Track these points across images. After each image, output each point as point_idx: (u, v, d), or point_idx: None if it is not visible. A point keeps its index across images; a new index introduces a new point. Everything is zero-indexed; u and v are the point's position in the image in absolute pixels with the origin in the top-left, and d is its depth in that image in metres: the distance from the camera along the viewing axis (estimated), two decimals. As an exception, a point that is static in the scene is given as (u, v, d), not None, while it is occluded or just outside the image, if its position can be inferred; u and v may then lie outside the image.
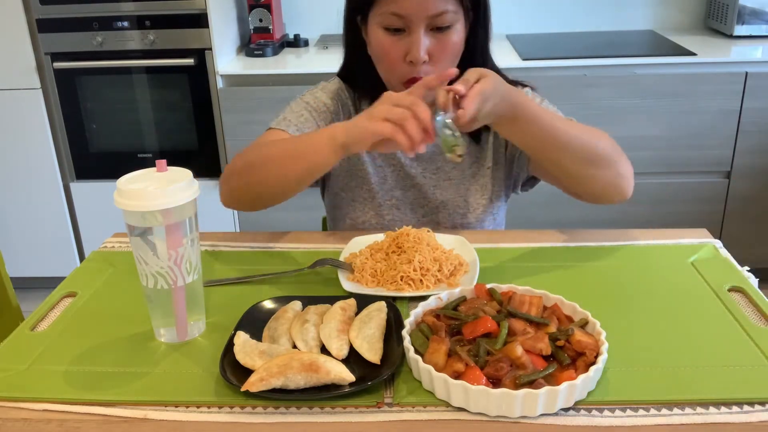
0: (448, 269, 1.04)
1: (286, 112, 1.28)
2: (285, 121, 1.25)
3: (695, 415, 0.76)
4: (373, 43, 1.19)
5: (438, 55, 1.16)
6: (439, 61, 1.16)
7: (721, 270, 1.06)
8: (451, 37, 1.16)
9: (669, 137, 2.47)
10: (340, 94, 1.30)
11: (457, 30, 1.16)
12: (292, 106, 1.29)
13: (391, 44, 1.16)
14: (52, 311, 1.01)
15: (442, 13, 1.13)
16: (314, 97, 1.29)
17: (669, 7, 2.90)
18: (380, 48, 1.18)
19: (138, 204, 0.84)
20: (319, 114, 1.27)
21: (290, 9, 2.94)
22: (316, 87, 1.32)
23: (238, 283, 1.06)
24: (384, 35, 1.16)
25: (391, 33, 1.15)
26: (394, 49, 1.16)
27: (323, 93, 1.30)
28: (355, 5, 1.22)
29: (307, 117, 1.25)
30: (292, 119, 1.25)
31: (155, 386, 0.83)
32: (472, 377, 0.76)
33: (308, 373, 0.79)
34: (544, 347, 0.80)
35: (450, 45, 1.16)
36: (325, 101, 1.28)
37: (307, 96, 1.30)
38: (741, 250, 1.45)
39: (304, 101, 1.29)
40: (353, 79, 1.31)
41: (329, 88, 1.31)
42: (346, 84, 1.31)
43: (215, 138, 2.59)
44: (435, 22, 1.13)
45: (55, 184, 2.68)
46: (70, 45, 2.49)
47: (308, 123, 1.25)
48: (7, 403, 0.81)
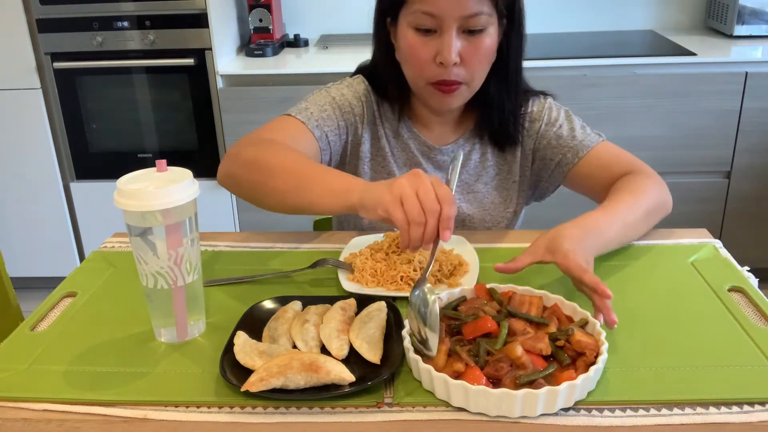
0: (448, 269, 1.04)
1: (308, 101, 1.24)
2: (306, 112, 1.21)
3: (695, 415, 0.76)
4: (401, 43, 1.16)
5: (469, 58, 1.13)
6: (469, 65, 1.13)
7: (721, 270, 1.06)
8: (484, 40, 1.12)
9: (669, 137, 2.47)
10: (367, 95, 1.27)
11: (490, 34, 1.13)
12: (316, 96, 1.25)
13: (421, 44, 1.13)
14: (52, 311, 1.01)
15: (477, 14, 1.10)
16: (341, 93, 1.25)
17: (669, 7, 2.90)
18: (409, 48, 1.15)
19: (138, 204, 0.83)
20: (343, 113, 1.24)
21: (290, 9, 2.94)
22: (342, 82, 1.29)
23: (238, 283, 1.06)
24: (414, 35, 1.13)
25: (421, 33, 1.12)
26: (424, 50, 1.13)
27: (350, 91, 1.26)
28: (385, 5, 1.19)
29: (330, 114, 1.22)
30: (315, 111, 1.21)
31: (155, 386, 0.83)
32: (471, 377, 0.76)
33: (308, 373, 0.79)
34: (544, 347, 0.80)
35: (482, 48, 1.13)
36: (351, 101, 1.25)
37: (333, 90, 1.26)
38: (741, 250, 1.45)
39: (330, 95, 1.25)
40: (377, 79, 1.27)
41: (356, 88, 1.27)
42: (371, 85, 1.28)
43: (215, 138, 2.59)
44: (468, 23, 1.10)
45: (55, 184, 2.68)
46: (70, 45, 2.49)
47: (329, 121, 1.22)
48: (7, 403, 0.81)
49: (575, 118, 1.28)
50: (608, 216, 1.07)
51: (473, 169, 1.30)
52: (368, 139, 1.28)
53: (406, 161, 1.30)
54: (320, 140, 1.20)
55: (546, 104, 1.28)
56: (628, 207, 1.10)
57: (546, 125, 1.27)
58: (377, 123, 1.28)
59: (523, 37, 1.20)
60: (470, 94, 1.20)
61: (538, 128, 1.27)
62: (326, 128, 1.21)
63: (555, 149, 1.26)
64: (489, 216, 1.30)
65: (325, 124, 1.21)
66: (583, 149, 1.23)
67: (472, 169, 1.30)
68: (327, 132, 1.22)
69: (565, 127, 1.26)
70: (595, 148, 1.23)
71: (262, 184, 1.05)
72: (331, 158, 1.25)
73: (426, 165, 1.29)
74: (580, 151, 1.23)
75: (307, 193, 0.99)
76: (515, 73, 1.22)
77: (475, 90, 1.20)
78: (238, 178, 1.10)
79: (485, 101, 1.24)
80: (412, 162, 1.29)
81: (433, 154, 1.29)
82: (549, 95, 1.30)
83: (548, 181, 1.30)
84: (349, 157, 1.29)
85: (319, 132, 1.20)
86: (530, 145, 1.29)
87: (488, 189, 1.30)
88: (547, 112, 1.27)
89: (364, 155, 1.28)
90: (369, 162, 1.29)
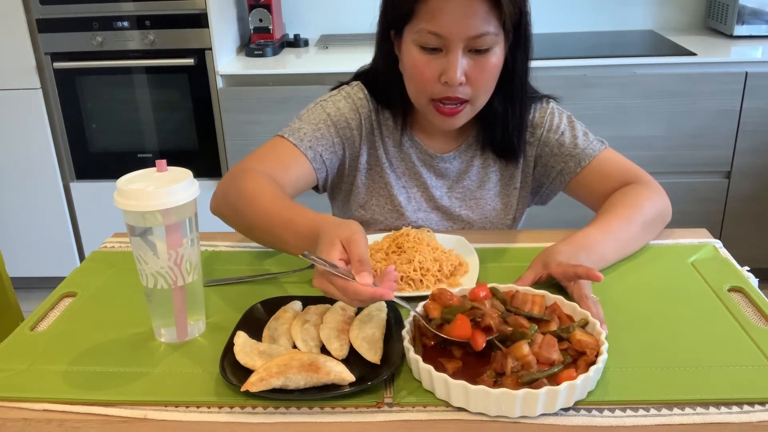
0: (448, 269, 1.04)
1: (302, 119, 1.22)
2: (299, 133, 1.19)
3: (695, 415, 0.76)
4: (406, 60, 1.14)
5: (475, 77, 1.11)
6: (475, 84, 1.12)
7: (721, 270, 1.06)
8: (490, 59, 1.11)
9: (669, 137, 2.47)
10: (364, 105, 1.25)
11: (496, 53, 1.11)
12: (311, 113, 1.23)
13: (425, 63, 1.11)
14: (52, 311, 1.01)
15: (483, 35, 1.08)
16: (336, 108, 1.23)
17: (669, 7, 2.90)
18: (413, 66, 1.13)
19: (138, 204, 0.83)
20: (339, 130, 1.22)
21: (290, 9, 2.93)
22: (339, 92, 1.26)
23: (238, 283, 1.06)
24: (419, 53, 1.11)
25: (427, 52, 1.10)
26: (428, 69, 1.11)
27: (346, 103, 1.24)
28: (389, 19, 1.16)
29: (324, 132, 1.21)
30: (308, 131, 1.20)
31: (155, 386, 0.83)
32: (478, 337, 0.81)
33: (308, 373, 0.79)
34: (557, 358, 0.79)
35: (488, 68, 1.11)
36: (348, 115, 1.23)
37: (328, 104, 1.24)
38: (741, 250, 1.45)
39: (325, 111, 1.23)
40: (377, 87, 1.25)
41: (353, 98, 1.25)
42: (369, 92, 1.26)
43: (215, 138, 2.59)
44: (474, 44, 1.08)
45: (55, 184, 2.68)
46: (70, 45, 2.49)
47: (323, 140, 1.20)
48: (7, 403, 0.81)
49: (578, 123, 1.27)
50: (602, 232, 1.07)
51: (475, 176, 1.29)
52: (366, 150, 1.26)
53: (405, 170, 1.28)
54: (314, 161, 1.20)
55: (548, 110, 1.27)
56: (621, 222, 1.10)
57: (548, 131, 1.26)
58: (375, 133, 1.26)
59: (529, 54, 1.19)
60: (474, 112, 1.18)
61: (540, 135, 1.26)
62: (320, 148, 1.20)
63: (557, 157, 1.25)
64: (490, 223, 1.29)
65: (318, 144, 1.20)
66: (586, 158, 1.23)
67: (474, 176, 1.29)
68: (321, 152, 1.21)
69: (568, 134, 1.25)
70: (597, 157, 1.23)
71: (246, 232, 1.11)
72: (327, 175, 1.25)
73: (426, 174, 1.28)
74: (583, 160, 1.23)
75: (271, 237, 1.03)
76: (520, 89, 1.21)
77: (478, 109, 1.18)
78: (226, 219, 1.13)
79: (489, 116, 1.23)
80: (412, 171, 1.28)
81: (434, 162, 1.28)
82: (552, 99, 1.29)
83: (549, 188, 1.30)
84: (347, 170, 1.28)
85: (312, 153, 1.19)
86: (532, 152, 1.28)
87: (490, 195, 1.29)
88: (549, 118, 1.26)
89: (362, 167, 1.27)
90: (366, 173, 1.28)
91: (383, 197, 1.28)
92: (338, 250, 0.84)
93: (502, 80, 1.17)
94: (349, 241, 0.84)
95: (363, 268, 0.81)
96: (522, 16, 1.13)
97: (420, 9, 1.09)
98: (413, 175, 1.28)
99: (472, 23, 1.07)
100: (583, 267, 0.95)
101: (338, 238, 0.85)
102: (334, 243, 0.84)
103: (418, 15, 1.09)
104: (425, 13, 1.08)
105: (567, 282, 0.98)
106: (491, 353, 0.81)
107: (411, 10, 1.10)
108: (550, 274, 0.99)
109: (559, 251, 1.01)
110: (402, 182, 1.28)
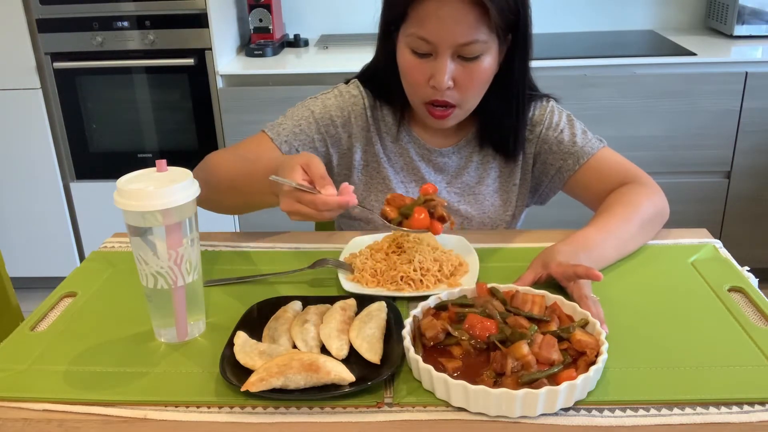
0: (448, 269, 1.04)
1: (287, 115, 1.25)
2: (278, 128, 1.23)
3: (695, 415, 0.76)
4: (399, 61, 1.17)
5: (463, 82, 1.13)
6: (463, 89, 1.14)
7: (721, 270, 1.06)
8: (479, 66, 1.12)
9: (669, 137, 2.47)
10: (357, 101, 1.26)
11: (487, 59, 1.12)
12: (296, 110, 1.26)
13: (416, 66, 1.13)
14: (52, 311, 1.01)
15: (471, 42, 1.09)
16: (322, 106, 1.26)
17: (669, 7, 2.90)
18: (405, 68, 1.16)
19: (138, 204, 0.83)
20: (320, 127, 1.24)
21: (290, 9, 2.94)
22: (331, 91, 1.28)
23: (238, 283, 1.06)
24: (410, 56, 1.13)
25: (417, 55, 1.13)
26: (418, 72, 1.13)
27: (335, 102, 1.26)
28: (388, 18, 1.18)
29: (304, 128, 1.23)
30: (288, 127, 1.23)
31: (155, 386, 0.83)
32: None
33: (308, 373, 0.79)
34: (557, 358, 0.79)
35: (477, 74, 1.13)
36: (333, 112, 1.25)
37: (316, 102, 1.27)
38: (741, 250, 1.45)
39: (309, 109, 1.25)
40: (377, 82, 1.27)
41: (344, 96, 1.27)
42: (366, 88, 1.28)
43: (215, 138, 2.59)
44: (462, 51, 1.10)
45: (55, 184, 2.68)
46: (70, 45, 2.49)
47: (302, 136, 1.23)
48: (7, 403, 0.81)
49: (577, 122, 1.28)
50: (601, 232, 1.08)
51: (474, 171, 1.30)
52: (360, 147, 1.27)
53: (403, 166, 1.29)
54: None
55: (548, 108, 1.27)
56: (620, 221, 1.10)
57: (547, 129, 1.26)
58: (370, 129, 1.27)
59: (529, 54, 1.20)
60: (464, 115, 1.20)
61: (539, 132, 1.27)
62: (296, 143, 1.23)
63: (556, 155, 1.26)
64: (488, 219, 1.30)
65: (296, 139, 1.23)
66: (584, 156, 1.23)
67: (473, 171, 1.29)
68: (297, 146, 1.23)
69: (567, 133, 1.25)
70: (595, 155, 1.23)
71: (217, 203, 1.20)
72: None
73: (425, 169, 1.29)
74: (581, 158, 1.23)
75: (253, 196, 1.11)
76: (518, 89, 1.21)
77: (468, 112, 1.20)
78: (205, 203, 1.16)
79: (486, 114, 1.24)
80: (410, 166, 1.29)
81: (432, 157, 1.29)
82: (552, 98, 1.29)
83: (548, 187, 1.31)
84: (337, 168, 1.29)
85: (287, 147, 1.22)
86: (531, 149, 1.28)
87: (489, 191, 1.30)
88: (548, 116, 1.27)
89: (357, 164, 1.28)
90: (362, 169, 1.29)
91: (382, 193, 1.28)
92: (299, 173, 0.94)
93: (501, 80, 1.18)
94: (308, 164, 0.95)
95: (326, 182, 0.92)
96: (520, 18, 1.13)
97: (411, 13, 1.10)
98: (411, 169, 1.29)
99: (461, 30, 1.08)
100: (582, 267, 0.95)
101: (297, 163, 0.95)
102: (295, 167, 0.95)
103: (409, 19, 1.11)
104: (416, 18, 1.10)
105: (567, 282, 0.98)
106: (491, 353, 0.81)
107: (404, 13, 1.12)
108: (549, 274, 0.99)
109: (558, 251, 1.01)
110: (400, 177, 1.29)
